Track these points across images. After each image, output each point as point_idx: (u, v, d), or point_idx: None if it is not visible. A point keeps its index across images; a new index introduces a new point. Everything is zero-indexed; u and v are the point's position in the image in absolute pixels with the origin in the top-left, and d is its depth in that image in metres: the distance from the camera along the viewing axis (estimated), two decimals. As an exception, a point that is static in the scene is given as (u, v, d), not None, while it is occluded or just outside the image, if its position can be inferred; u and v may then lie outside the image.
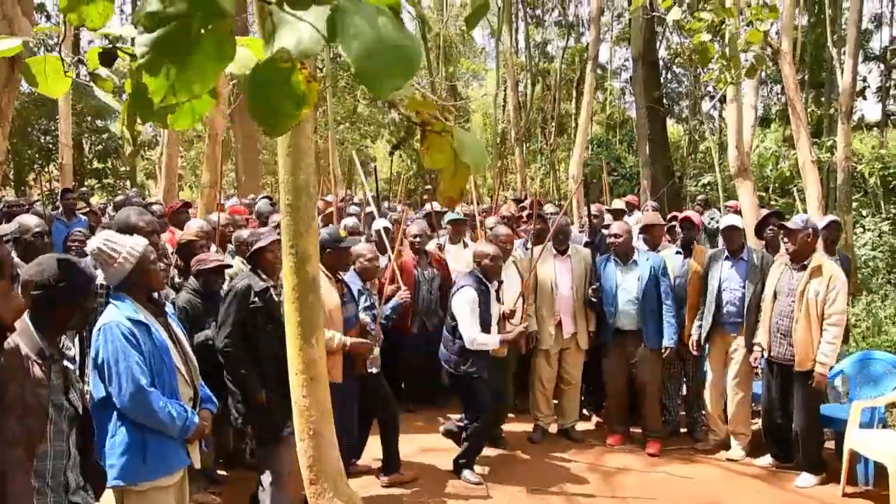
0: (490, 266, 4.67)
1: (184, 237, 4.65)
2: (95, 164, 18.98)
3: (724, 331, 5.19)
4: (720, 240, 5.42)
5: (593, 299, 5.34)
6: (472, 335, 4.49)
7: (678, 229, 5.88)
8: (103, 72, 1.62)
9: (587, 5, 16.57)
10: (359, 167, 7.23)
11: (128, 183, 19.56)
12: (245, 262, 5.59)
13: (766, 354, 4.85)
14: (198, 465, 2.94)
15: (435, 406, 6.11)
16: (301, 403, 2.96)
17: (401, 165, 23.06)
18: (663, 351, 5.21)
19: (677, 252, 5.68)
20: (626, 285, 5.25)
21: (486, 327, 4.62)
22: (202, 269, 4.11)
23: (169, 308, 3.03)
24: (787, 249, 4.74)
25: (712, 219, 9.22)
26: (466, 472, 4.74)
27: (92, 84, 1.65)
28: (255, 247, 3.87)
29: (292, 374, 2.94)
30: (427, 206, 8.46)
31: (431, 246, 6.35)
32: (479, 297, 4.57)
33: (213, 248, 4.97)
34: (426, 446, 5.35)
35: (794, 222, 4.71)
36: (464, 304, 4.53)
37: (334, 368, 3.88)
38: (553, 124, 18.96)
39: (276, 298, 3.71)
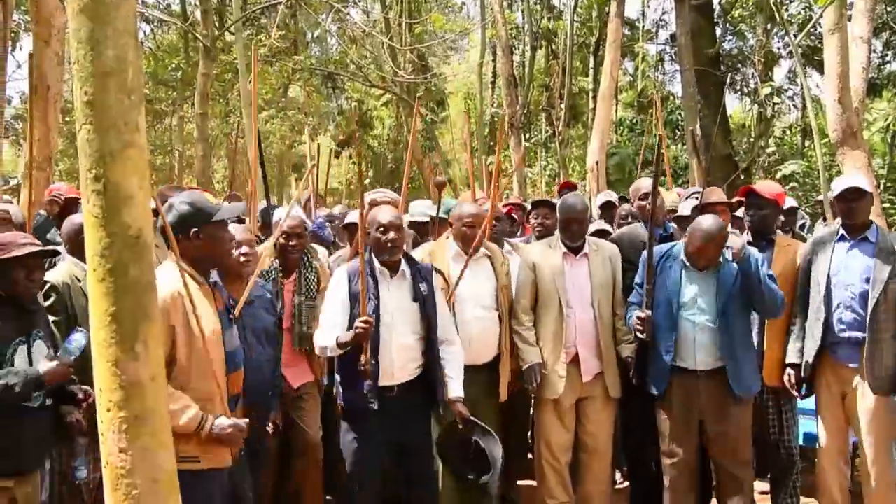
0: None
1: None
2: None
3: (837, 358, 4.75)
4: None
5: (638, 330, 4.79)
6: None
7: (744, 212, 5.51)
8: None
9: (608, -63, 16.47)
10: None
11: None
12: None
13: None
14: None
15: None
16: (115, 463, 2.33)
17: (350, 170, 22.68)
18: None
19: (748, 243, 5.22)
20: (701, 299, 4.77)
21: None
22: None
23: None
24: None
25: (802, 227, 8.60)
26: None
27: None
28: None
29: (101, 409, 2.39)
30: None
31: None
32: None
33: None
34: None
35: None
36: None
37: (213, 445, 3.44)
38: (562, 106, 18.75)
39: None
